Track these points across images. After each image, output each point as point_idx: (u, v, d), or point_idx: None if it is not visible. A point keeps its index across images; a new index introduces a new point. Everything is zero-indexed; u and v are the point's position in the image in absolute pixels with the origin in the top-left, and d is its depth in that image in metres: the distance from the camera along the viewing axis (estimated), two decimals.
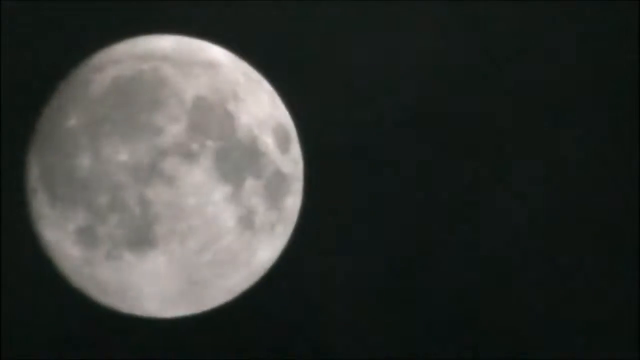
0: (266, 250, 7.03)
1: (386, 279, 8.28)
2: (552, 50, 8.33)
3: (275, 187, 6.86)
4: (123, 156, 6.41)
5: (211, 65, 6.86)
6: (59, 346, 7.95)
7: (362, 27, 8.18)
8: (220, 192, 6.54)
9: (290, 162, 7.07)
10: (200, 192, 6.47)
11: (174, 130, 6.45)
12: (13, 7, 7.83)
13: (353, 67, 8.19)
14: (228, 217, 6.62)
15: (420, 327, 8.28)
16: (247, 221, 6.72)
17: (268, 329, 8.13)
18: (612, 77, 8.32)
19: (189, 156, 6.43)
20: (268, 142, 6.83)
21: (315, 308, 8.19)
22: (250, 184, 6.67)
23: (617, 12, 8.28)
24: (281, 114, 7.16)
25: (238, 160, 6.61)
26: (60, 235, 6.78)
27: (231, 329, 7.99)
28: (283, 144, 7.00)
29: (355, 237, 8.22)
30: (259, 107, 6.90)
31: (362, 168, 8.19)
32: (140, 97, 6.54)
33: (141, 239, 6.51)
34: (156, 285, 6.75)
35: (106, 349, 7.95)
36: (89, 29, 7.77)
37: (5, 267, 7.85)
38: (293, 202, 7.18)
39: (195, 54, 6.91)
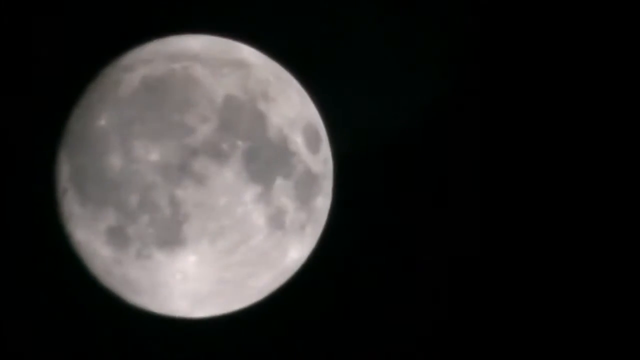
0: (296, 250, 7.02)
1: (415, 278, 8.25)
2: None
3: (305, 187, 6.85)
4: (153, 156, 6.41)
5: (241, 65, 6.85)
6: (89, 346, 7.97)
7: (393, 28, 8.16)
8: (250, 192, 6.53)
9: (320, 161, 7.06)
10: (231, 192, 6.47)
11: (204, 130, 6.45)
12: (44, 8, 7.86)
13: (383, 67, 8.17)
14: (258, 217, 6.61)
15: (450, 324, 8.26)
16: (277, 221, 6.71)
17: (298, 329, 8.12)
18: None
19: (219, 156, 6.43)
20: (298, 141, 6.82)
21: (345, 308, 8.18)
22: (280, 183, 6.66)
23: None
24: (311, 114, 7.15)
25: (268, 160, 6.60)
26: (91, 235, 6.80)
27: (261, 329, 7.99)
28: (313, 143, 6.98)
29: (384, 237, 8.20)
30: (289, 107, 6.89)
31: (391, 168, 8.17)
32: (170, 97, 6.54)
33: (171, 238, 6.51)
34: (186, 285, 6.75)
35: (136, 349, 7.96)
36: (119, 29, 7.78)
37: (36, 267, 7.87)
38: (323, 202, 7.17)
39: (226, 54, 6.91)
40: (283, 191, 6.68)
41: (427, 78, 8.22)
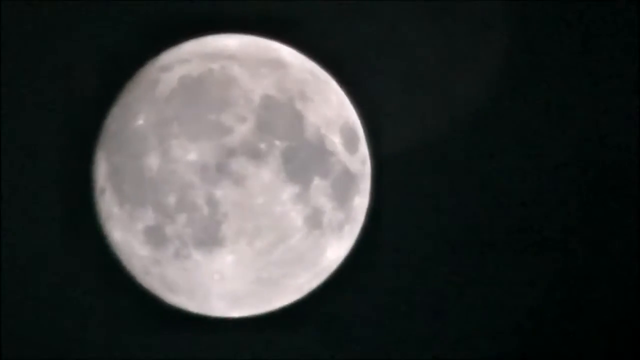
0: (334, 250, 7.01)
1: (454, 278, 8.22)
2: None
3: (342, 187, 6.84)
4: (191, 156, 6.42)
5: (279, 65, 6.85)
6: (127, 346, 7.99)
7: (430, 27, 8.13)
8: (288, 192, 6.53)
9: (358, 161, 7.04)
10: (268, 192, 6.47)
11: (242, 129, 6.45)
12: (80, 6, 7.88)
13: (421, 67, 8.14)
14: (296, 216, 6.60)
15: (489, 326, 8.22)
16: (314, 221, 6.70)
17: (335, 329, 8.11)
18: None
19: (257, 156, 6.42)
20: (336, 141, 6.81)
21: (383, 307, 8.16)
22: (317, 183, 6.65)
23: None
24: (349, 114, 7.14)
25: (306, 159, 6.59)
26: (129, 235, 6.82)
27: (298, 329, 7.98)
28: (351, 143, 6.97)
29: (422, 237, 8.17)
30: (327, 106, 6.88)
31: (430, 167, 8.14)
32: (208, 97, 6.55)
33: (209, 238, 6.52)
34: (224, 285, 6.76)
35: (174, 349, 7.97)
36: (156, 28, 7.79)
37: (74, 267, 7.90)
38: (360, 201, 7.15)
39: (263, 53, 6.91)
40: (321, 191, 6.67)
41: (467, 78, 8.18)
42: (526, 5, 8.15)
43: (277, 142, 6.49)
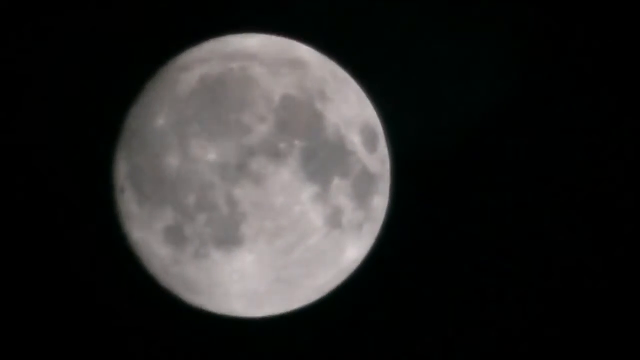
0: (354, 249, 7.01)
1: (474, 278, 8.21)
2: None
3: (362, 187, 6.83)
4: (211, 156, 6.43)
5: (299, 65, 6.84)
6: (147, 345, 8.01)
7: (451, 27, 8.11)
8: (307, 192, 6.52)
9: (378, 161, 7.03)
10: (288, 192, 6.46)
11: (262, 129, 6.45)
12: (101, 7, 7.90)
13: (441, 67, 8.13)
14: (316, 216, 6.60)
15: (514, 325, 8.21)
16: (334, 220, 6.69)
17: (355, 329, 8.10)
18: None
19: (277, 156, 6.42)
20: (355, 141, 6.80)
21: (402, 308, 8.15)
22: (337, 183, 6.64)
23: None
24: (369, 113, 7.13)
25: (325, 159, 6.58)
26: (149, 235, 6.82)
27: (318, 329, 7.98)
28: (370, 143, 6.96)
29: (441, 237, 8.16)
30: (347, 106, 6.88)
31: (449, 167, 8.12)
32: (228, 97, 6.55)
33: (229, 238, 6.52)
34: (244, 285, 6.76)
35: (193, 349, 7.98)
36: (176, 28, 7.81)
37: (94, 267, 7.92)
38: (380, 201, 7.14)
39: (283, 53, 6.90)
40: (340, 191, 6.66)
41: (487, 78, 8.17)
42: (544, 7, 8.13)
43: (297, 142, 6.48)
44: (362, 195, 6.84)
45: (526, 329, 8.24)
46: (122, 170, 6.94)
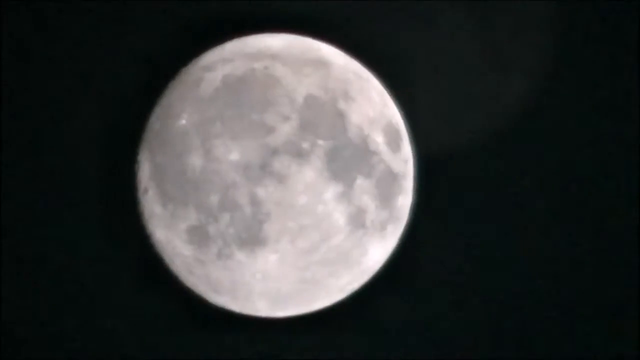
0: (377, 249, 6.99)
1: (498, 278, 8.18)
2: None
3: (385, 186, 6.82)
4: (234, 155, 6.43)
5: (322, 64, 6.84)
6: (170, 346, 8.02)
7: (475, 26, 8.09)
8: (331, 191, 6.51)
9: (401, 161, 7.02)
10: (311, 191, 6.46)
11: (285, 129, 6.44)
12: (124, 6, 7.91)
13: (465, 65, 8.10)
14: (339, 216, 6.59)
15: (538, 329, 8.18)
16: (357, 220, 6.68)
17: (379, 329, 8.09)
18: None
19: (300, 155, 6.42)
20: (378, 141, 6.79)
21: (426, 308, 8.13)
22: (360, 183, 6.63)
23: None
24: (392, 113, 7.12)
25: (349, 159, 6.57)
26: (172, 235, 6.83)
27: (342, 329, 7.97)
28: (394, 142, 6.95)
29: (466, 237, 8.14)
30: (370, 106, 6.86)
31: (473, 166, 8.10)
32: (251, 96, 6.55)
33: (252, 238, 6.52)
34: (267, 284, 6.75)
35: (217, 349, 7.99)
36: (199, 28, 7.81)
37: (117, 266, 7.93)
38: (404, 201, 7.12)
39: (306, 53, 6.90)
40: (364, 190, 6.65)
41: (511, 78, 8.14)
42: (571, 4, 8.10)
43: (320, 142, 6.47)
44: (385, 195, 6.83)
45: (557, 330, 8.21)
46: (145, 170, 6.95)
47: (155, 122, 7.00)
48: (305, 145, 6.44)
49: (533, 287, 8.19)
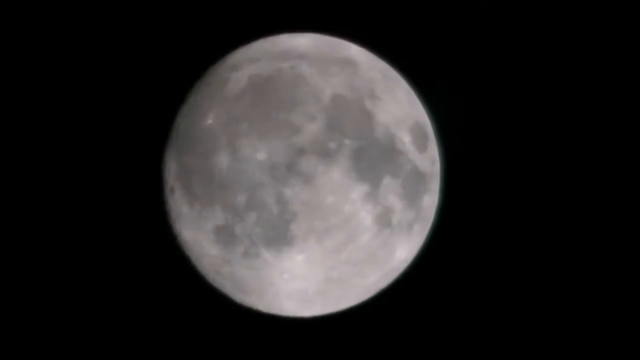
0: (404, 249, 6.98)
1: (524, 276, 8.16)
2: None
3: (412, 186, 6.81)
4: (261, 155, 6.43)
5: (349, 64, 6.83)
6: (197, 345, 8.03)
7: (503, 26, 8.07)
8: (357, 191, 6.51)
9: (428, 160, 7.01)
10: (338, 191, 6.45)
11: (312, 128, 6.44)
12: (150, 8, 7.93)
13: (491, 66, 8.09)
14: (365, 215, 6.58)
15: (567, 326, 8.15)
16: (384, 220, 6.67)
17: (405, 329, 8.08)
18: None
19: (327, 155, 6.41)
20: (405, 140, 6.78)
21: (452, 308, 8.12)
22: (387, 182, 6.62)
23: None
24: (419, 113, 7.10)
25: (375, 158, 6.56)
26: (199, 235, 6.84)
27: (368, 329, 7.97)
28: (420, 142, 6.93)
29: (492, 236, 8.12)
30: (397, 105, 6.85)
31: (500, 166, 8.08)
32: (277, 96, 6.55)
33: (279, 237, 6.52)
34: (294, 284, 6.75)
35: (244, 348, 8.00)
36: (225, 28, 7.83)
37: (144, 266, 7.95)
38: (430, 200, 7.11)
39: (333, 52, 6.89)
40: (390, 190, 6.64)
41: (539, 77, 8.12)
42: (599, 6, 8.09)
43: (347, 141, 6.47)
44: (412, 195, 6.82)
45: (585, 330, 8.19)
46: (172, 170, 6.97)
47: (182, 121, 7.01)
48: (332, 145, 6.43)
49: (568, 286, 8.17)
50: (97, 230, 7.94)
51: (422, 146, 6.94)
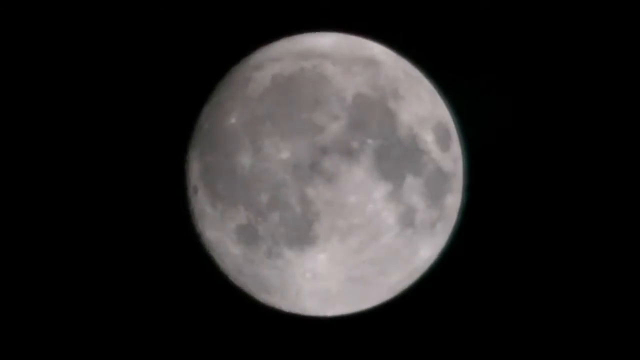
0: (427, 248, 6.97)
1: (546, 277, 8.14)
2: None
3: (435, 185, 6.79)
4: (284, 154, 6.43)
5: (371, 63, 6.82)
6: (220, 344, 8.04)
7: (525, 26, 8.05)
8: (380, 190, 6.50)
9: (451, 160, 6.99)
10: (361, 190, 6.45)
11: (335, 128, 6.44)
12: (172, 7, 7.95)
13: (514, 65, 8.07)
14: (388, 215, 6.57)
15: (590, 326, 8.12)
16: (407, 219, 6.66)
17: (429, 328, 8.07)
18: None
19: (350, 154, 6.41)
20: (428, 140, 6.76)
21: (476, 307, 8.10)
22: (410, 182, 6.61)
23: None
24: (441, 112, 7.09)
25: (398, 158, 6.56)
26: (222, 234, 6.85)
27: (391, 328, 7.96)
28: (443, 142, 6.92)
29: (515, 235, 8.10)
30: (420, 105, 6.84)
31: (523, 165, 8.06)
32: (300, 95, 6.55)
33: (302, 237, 6.52)
34: (316, 283, 6.75)
35: (266, 347, 8.00)
36: (248, 27, 7.84)
37: (167, 266, 7.97)
38: (453, 200, 7.10)
39: (356, 52, 6.89)
40: (413, 189, 6.63)
41: (561, 77, 8.09)
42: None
43: (370, 141, 6.46)
44: (435, 194, 6.81)
45: (613, 328, 8.16)
46: (195, 169, 6.98)
47: (205, 121, 7.02)
48: (355, 144, 6.43)
49: (590, 285, 8.14)
50: (121, 230, 7.97)
51: (445, 145, 6.93)
